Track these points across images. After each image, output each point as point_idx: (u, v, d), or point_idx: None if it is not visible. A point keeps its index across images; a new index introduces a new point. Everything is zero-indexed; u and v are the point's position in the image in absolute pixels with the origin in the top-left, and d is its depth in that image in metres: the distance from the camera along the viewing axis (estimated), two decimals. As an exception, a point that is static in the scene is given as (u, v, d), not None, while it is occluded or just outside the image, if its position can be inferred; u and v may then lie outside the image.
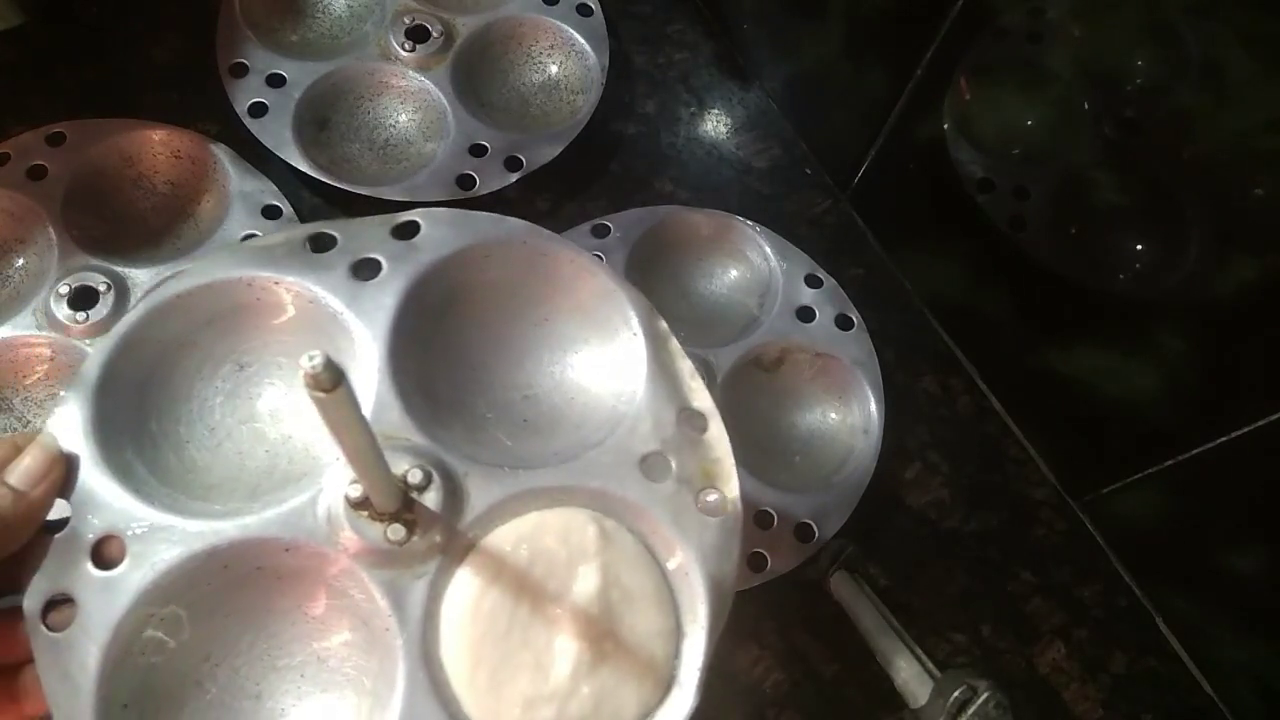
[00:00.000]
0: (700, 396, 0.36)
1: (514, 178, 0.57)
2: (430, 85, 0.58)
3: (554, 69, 0.63)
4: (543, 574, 0.32)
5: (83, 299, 0.48)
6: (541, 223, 0.62)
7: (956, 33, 0.49)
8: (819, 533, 0.50)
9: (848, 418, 0.55)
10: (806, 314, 0.55)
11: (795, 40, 0.65)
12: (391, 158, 0.59)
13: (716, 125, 0.66)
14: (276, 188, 0.55)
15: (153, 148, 0.55)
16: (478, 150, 0.57)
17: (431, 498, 0.31)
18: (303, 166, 0.54)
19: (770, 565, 0.49)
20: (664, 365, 0.36)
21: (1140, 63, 0.45)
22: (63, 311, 0.48)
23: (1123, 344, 0.50)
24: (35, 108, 0.55)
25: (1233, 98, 0.41)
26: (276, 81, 0.56)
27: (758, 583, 0.49)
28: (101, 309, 0.48)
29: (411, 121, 0.60)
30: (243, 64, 0.57)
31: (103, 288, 0.49)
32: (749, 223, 0.58)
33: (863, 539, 0.50)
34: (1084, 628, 0.53)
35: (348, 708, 0.32)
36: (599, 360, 0.38)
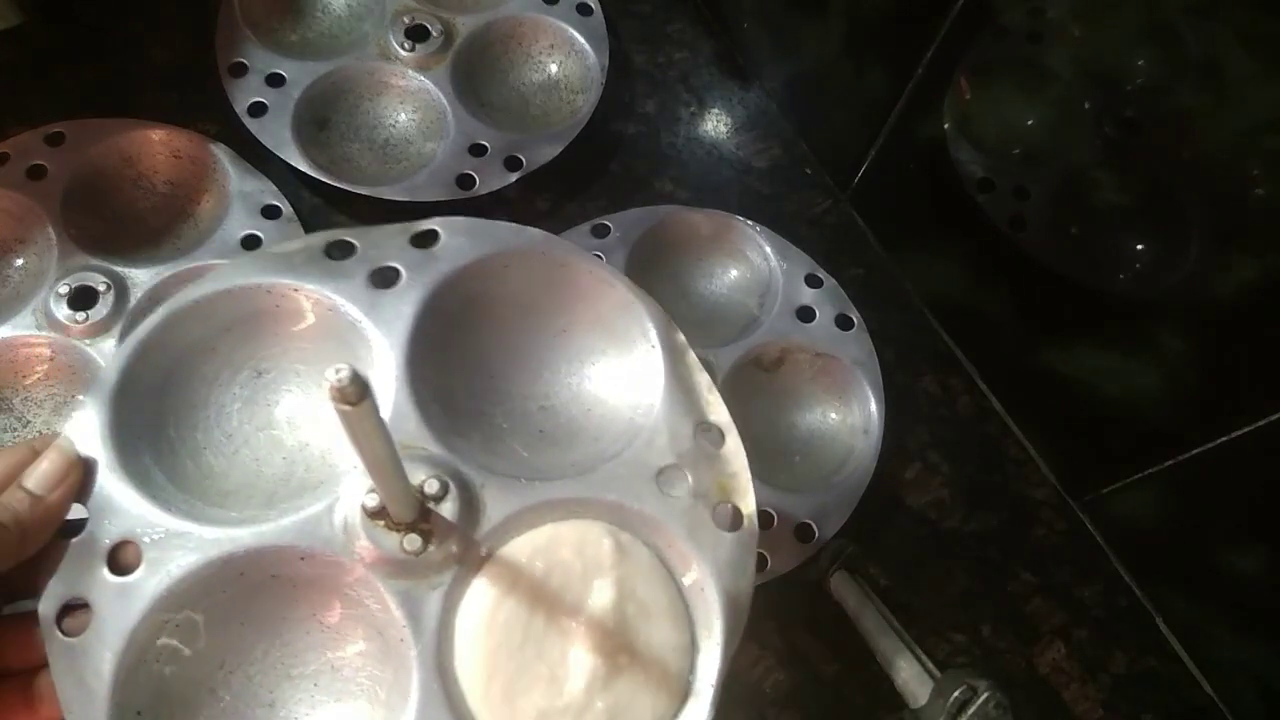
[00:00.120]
0: (718, 410, 0.36)
1: (514, 177, 0.57)
2: (430, 85, 0.58)
3: (554, 68, 0.63)
4: (558, 586, 0.32)
5: (82, 299, 0.48)
6: (541, 223, 0.62)
7: (957, 33, 0.49)
8: (819, 533, 0.50)
9: (848, 418, 0.55)
10: (806, 314, 0.55)
11: (795, 40, 0.65)
12: (391, 157, 0.59)
13: (716, 125, 0.66)
14: (276, 187, 0.55)
15: (152, 148, 0.55)
16: (477, 150, 0.57)
17: (448, 508, 0.32)
18: (302, 166, 0.54)
19: (770, 565, 0.49)
20: (681, 378, 0.36)
21: (1140, 63, 0.45)
22: (62, 311, 0.48)
23: (1123, 344, 0.50)
24: (35, 107, 0.55)
25: (1233, 98, 0.41)
26: (276, 81, 0.56)
27: (758, 583, 0.48)
28: (101, 309, 0.48)
29: (411, 121, 0.60)
30: (242, 64, 0.57)
31: (102, 288, 0.49)
32: (749, 223, 0.58)
33: (863, 539, 0.50)
34: (1084, 628, 0.53)
35: (361, 718, 0.32)
36: (616, 372, 0.38)
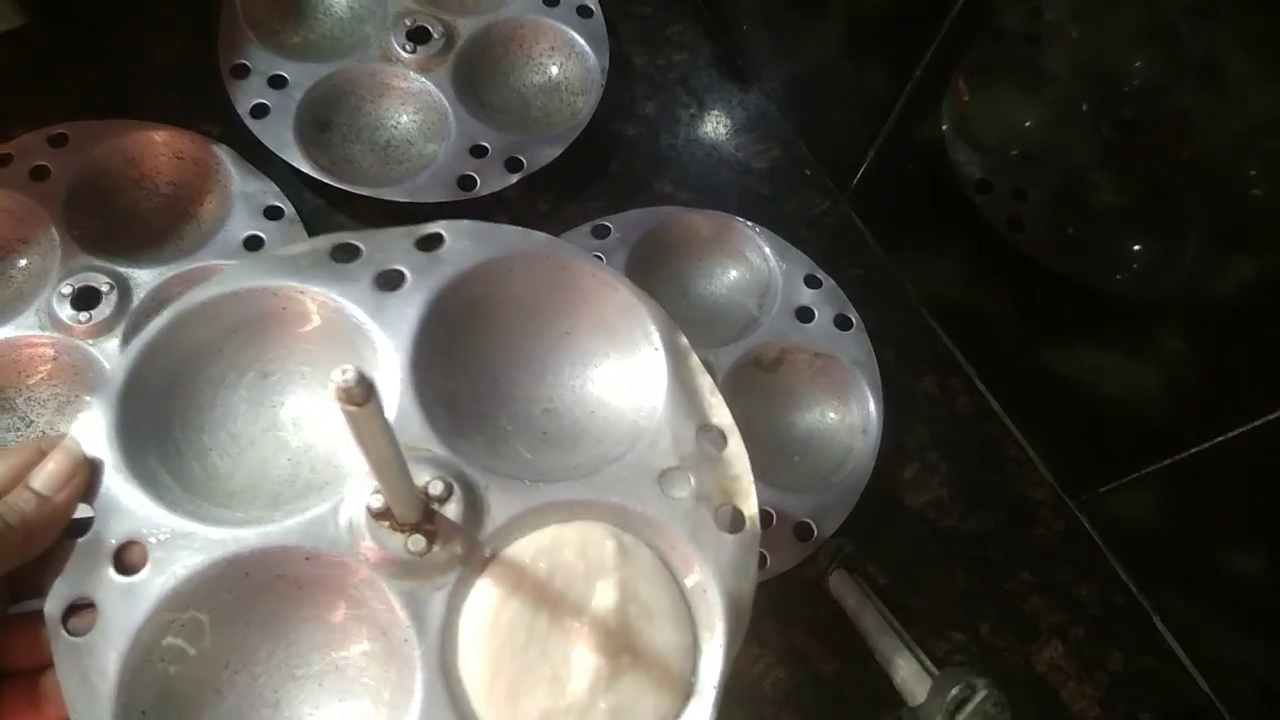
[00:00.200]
0: (720, 413, 0.36)
1: (514, 179, 0.57)
2: (431, 86, 0.58)
3: (554, 70, 0.63)
4: (561, 588, 0.32)
5: (85, 299, 0.48)
6: (542, 223, 0.62)
7: (956, 33, 0.49)
8: (818, 532, 0.50)
9: (847, 417, 0.55)
10: (806, 314, 0.56)
11: (795, 41, 0.65)
12: (393, 159, 0.59)
13: (716, 126, 0.66)
14: (278, 189, 0.55)
15: (155, 149, 0.55)
16: (478, 151, 0.57)
17: (452, 509, 0.32)
18: (304, 167, 0.54)
19: (769, 564, 0.49)
20: (684, 381, 0.36)
21: (1139, 63, 0.45)
22: (65, 311, 0.48)
23: (1122, 344, 0.50)
24: (37, 108, 0.55)
25: (1232, 98, 0.41)
26: (278, 83, 0.57)
27: (756, 581, 0.49)
28: (104, 309, 0.48)
29: (412, 122, 0.60)
30: (244, 65, 0.57)
31: (105, 288, 0.49)
32: (749, 223, 0.58)
33: (861, 538, 0.51)
34: (1082, 626, 0.53)
35: (365, 718, 0.33)
36: (620, 374, 0.39)
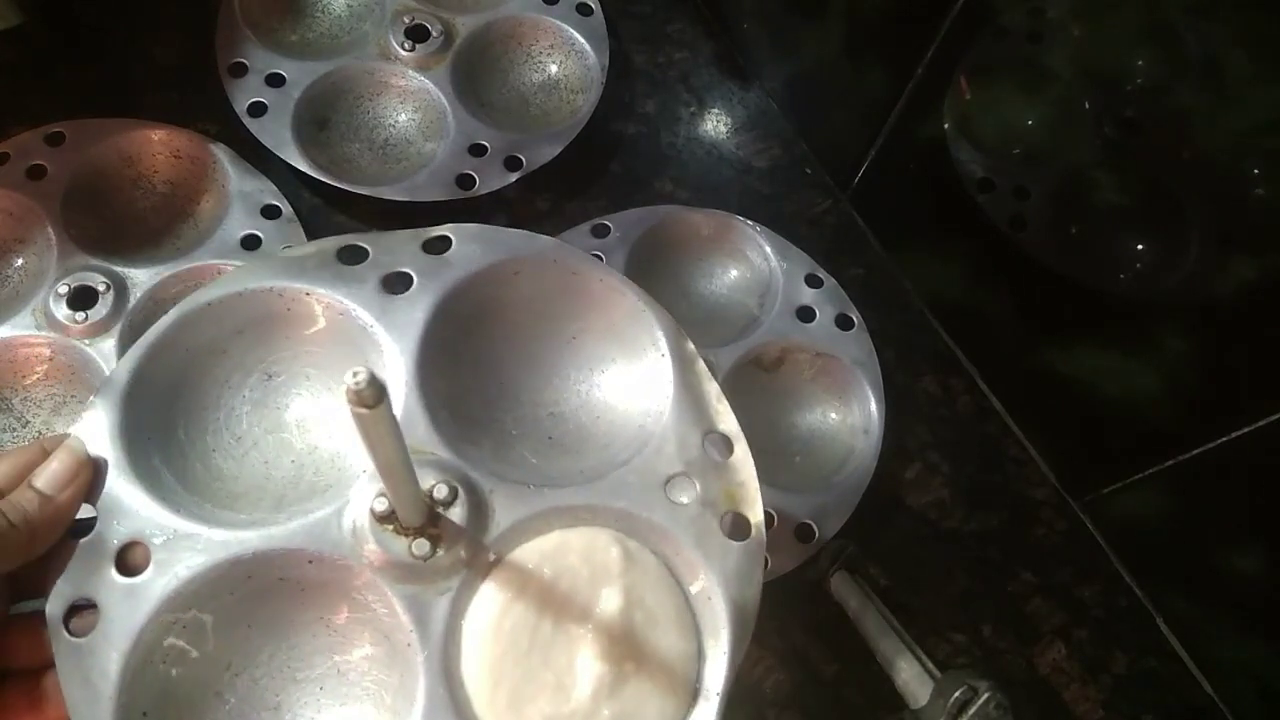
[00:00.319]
0: (726, 420, 0.36)
1: (514, 177, 0.57)
2: (430, 85, 0.58)
3: (554, 68, 0.63)
4: (566, 593, 0.32)
5: (82, 299, 0.48)
6: (541, 222, 0.62)
7: (956, 33, 0.49)
8: (819, 533, 0.50)
9: (848, 418, 0.55)
10: (806, 314, 0.55)
11: (795, 40, 0.65)
12: (391, 157, 0.59)
13: (716, 125, 0.66)
14: (276, 187, 0.55)
15: (152, 148, 0.55)
16: (477, 150, 0.57)
17: (457, 513, 0.32)
18: (302, 166, 0.54)
19: (770, 565, 0.49)
20: (691, 387, 0.36)
21: (1140, 63, 0.45)
22: (62, 311, 0.48)
23: (1123, 344, 0.50)
24: (34, 107, 0.54)
25: (1232, 98, 0.41)
26: (276, 81, 0.56)
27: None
28: (101, 309, 0.48)
29: (411, 121, 0.60)
30: (242, 64, 0.57)
31: (102, 287, 0.49)
32: (749, 223, 0.58)
33: (863, 539, 0.50)
34: (1084, 628, 0.53)
35: None
36: (626, 380, 0.39)
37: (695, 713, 0.32)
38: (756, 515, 0.34)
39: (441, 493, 0.32)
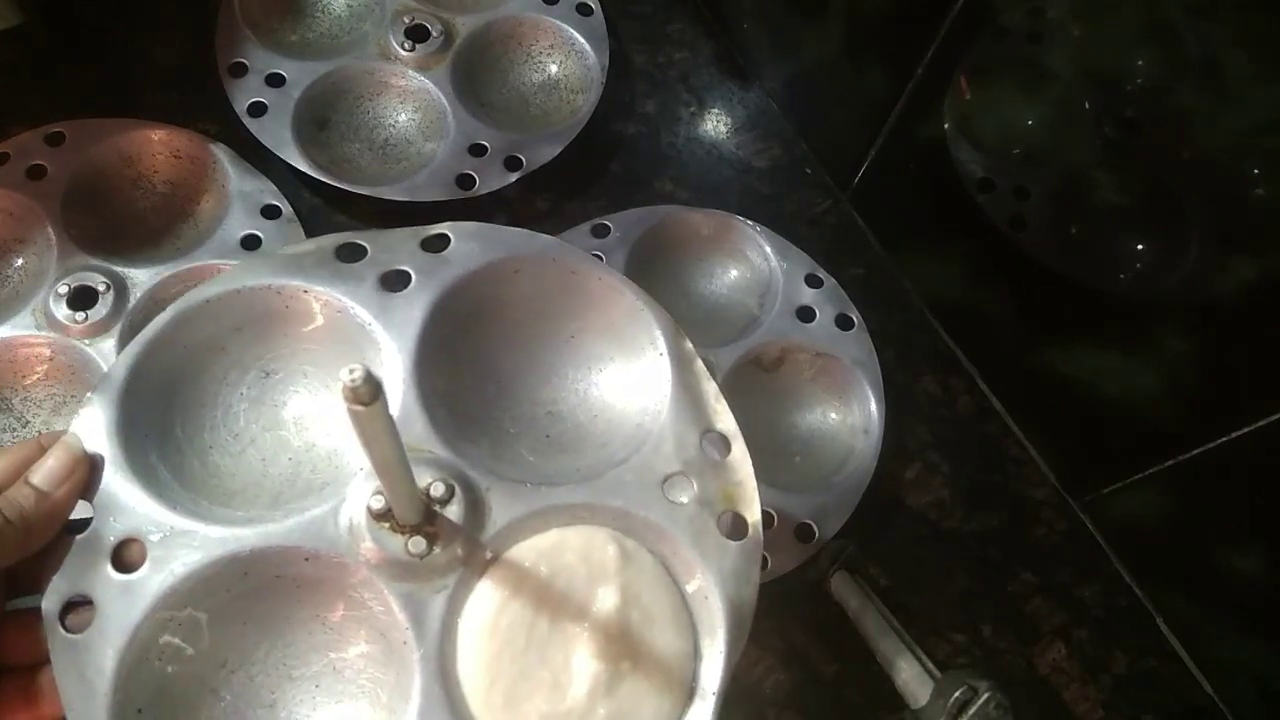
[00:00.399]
0: (724, 419, 0.36)
1: (514, 177, 0.57)
2: (430, 85, 0.58)
3: (554, 68, 0.63)
4: (562, 592, 0.32)
5: (82, 299, 0.48)
6: (541, 222, 0.62)
7: (956, 32, 0.49)
8: (819, 533, 0.50)
9: (848, 418, 0.55)
10: (806, 314, 0.55)
11: (795, 40, 0.65)
12: (391, 157, 0.59)
13: (716, 125, 0.66)
14: (276, 187, 0.55)
15: (152, 147, 0.55)
16: (477, 150, 0.57)
17: (454, 511, 0.32)
18: (302, 166, 0.54)
19: (770, 566, 0.49)
20: (689, 386, 0.36)
21: (1140, 63, 0.45)
22: (62, 311, 0.48)
23: (1123, 344, 0.50)
24: (35, 107, 0.54)
25: (1233, 98, 0.41)
26: (276, 81, 0.56)
27: (759, 584, 0.49)
28: (101, 309, 0.48)
29: (411, 121, 0.60)
30: (242, 64, 0.57)
31: (102, 287, 0.48)
32: (749, 222, 0.58)
33: (863, 539, 0.50)
34: (1084, 628, 0.53)
35: None
36: (624, 379, 0.39)
37: (691, 711, 0.32)
38: (754, 514, 0.34)
39: (438, 491, 0.31)
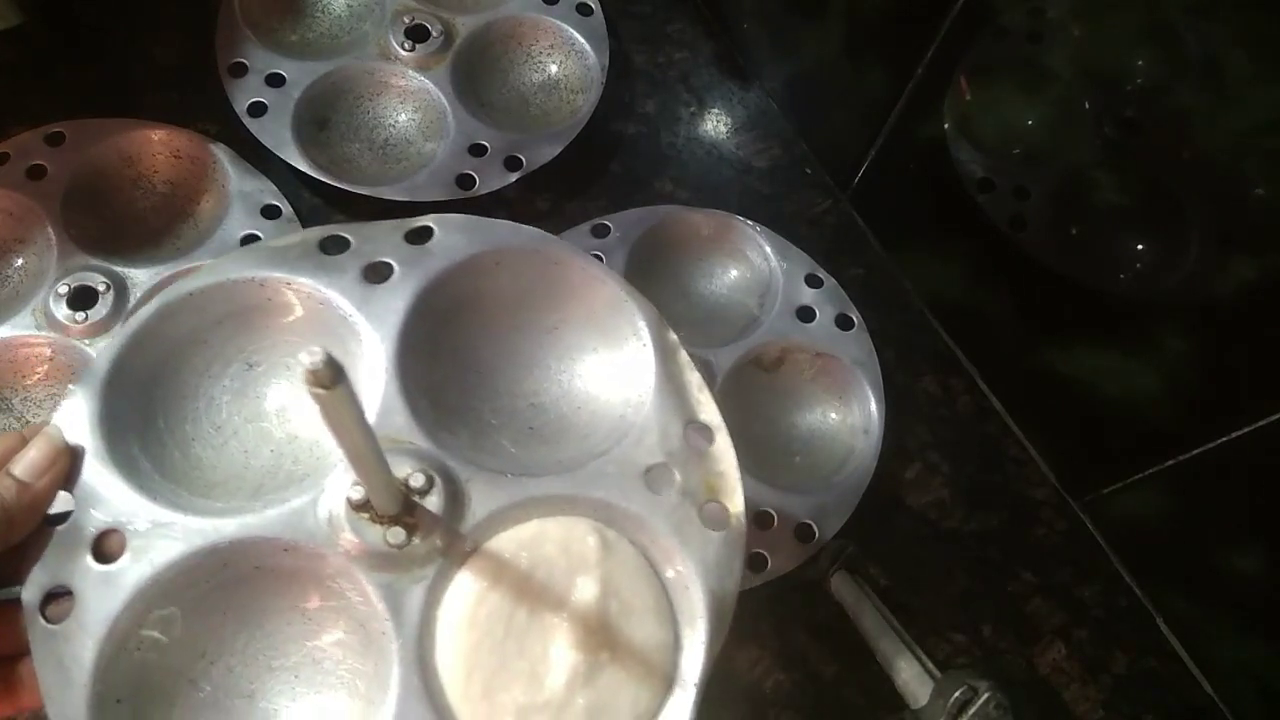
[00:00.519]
0: (708, 410, 0.36)
1: (514, 177, 0.57)
2: (430, 85, 0.58)
3: (554, 68, 0.63)
4: (542, 582, 0.32)
5: (82, 299, 0.48)
6: (541, 222, 0.62)
7: (956, 33, 0.49)
8: (819, 533, 0.50)
9: (848, 418, 0.55)
10: (806, 314, 0.55)
11: (795, 40, 0.65)
12: (391, 157, 0.59)
13: (716, 125, 0.66)
14: (276, 187, 0.55)
15: (152, 148, 0.55)
16: (477, 150, 0.57)
17: (433, 502, 0.31)
18: (302, 166, 0.54)
19: (770, 565, 0.49)
20: (672, 377, 0.36)
21: (1140, 63, 0.45)
22: (62, 311, 0.48)
23: (1123, 344, 0.50)
24: (35, 107, 0.55)
25: (1232, 98, 0.41)
26: (276, 81, 0.56)
27: (758, 583, 0.49)
28: (101, 309, 0.48)
29: (411, 121, 0.60)
30: (242, 64, 0.57)
31: (102, 287, 0.49)
32: (749, 223, 0.58)
33: (863, 539, 0.50)
34: (1084, 628, 0.53)
35: (340, 710, 0.32)
36: (607, 370, 0.38)
37: (671, 702, 0.32)
38: (736, 505, 0.34)
39: (418, 481, 0.31)
